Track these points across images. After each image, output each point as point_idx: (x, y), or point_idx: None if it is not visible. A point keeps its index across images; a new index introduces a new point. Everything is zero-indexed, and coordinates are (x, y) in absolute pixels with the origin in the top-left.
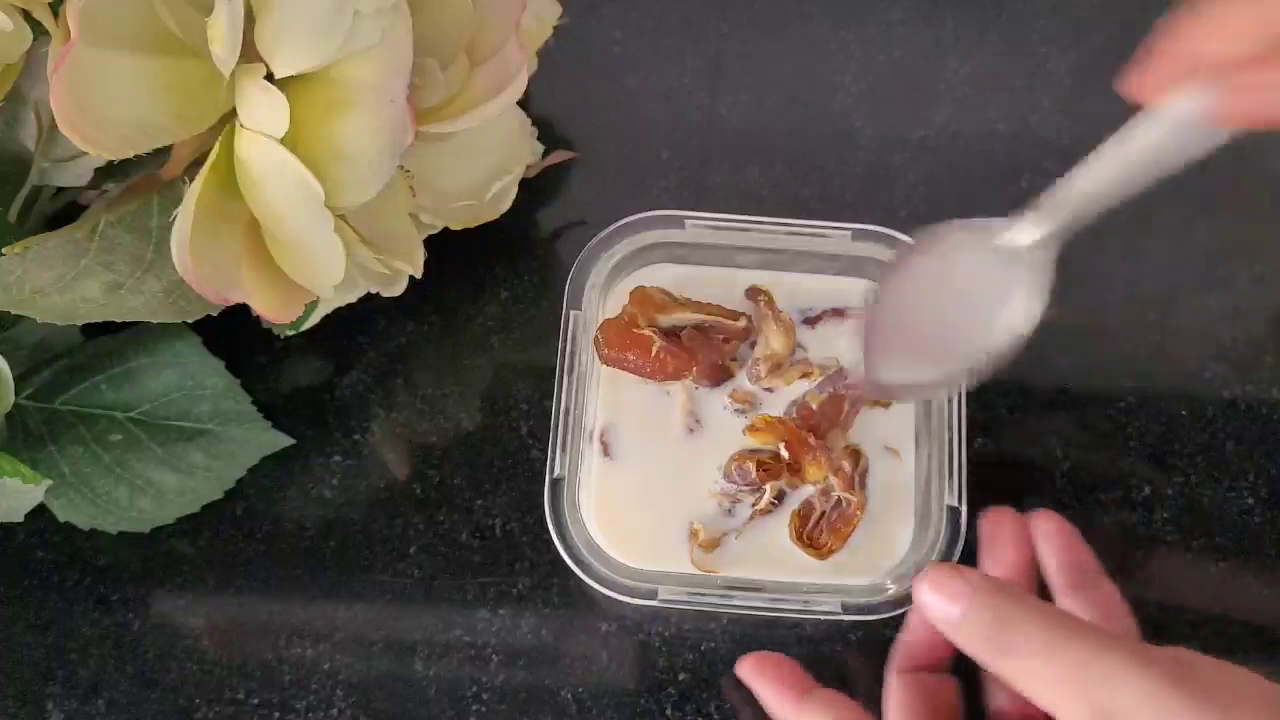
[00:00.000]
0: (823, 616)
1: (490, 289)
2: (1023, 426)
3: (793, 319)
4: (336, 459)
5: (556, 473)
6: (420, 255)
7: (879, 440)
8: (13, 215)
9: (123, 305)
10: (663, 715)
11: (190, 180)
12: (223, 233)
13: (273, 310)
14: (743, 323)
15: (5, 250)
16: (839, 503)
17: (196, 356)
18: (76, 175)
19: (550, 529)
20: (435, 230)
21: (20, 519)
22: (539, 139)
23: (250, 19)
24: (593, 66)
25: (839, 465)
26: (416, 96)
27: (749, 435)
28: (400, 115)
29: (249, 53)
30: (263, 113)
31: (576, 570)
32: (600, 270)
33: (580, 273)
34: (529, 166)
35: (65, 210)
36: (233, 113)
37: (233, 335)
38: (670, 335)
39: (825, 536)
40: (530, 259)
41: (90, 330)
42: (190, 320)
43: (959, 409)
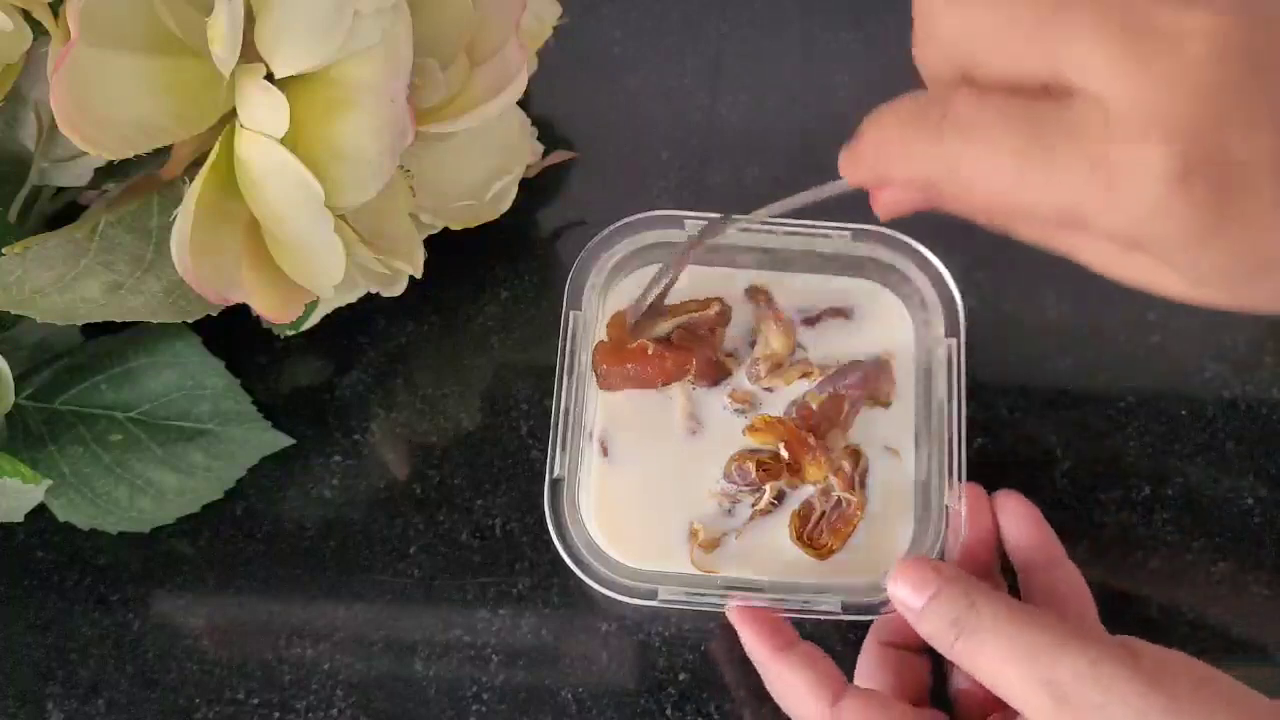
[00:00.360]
0: (823, 617)
1: (490, 289)
2: (1023, 426)
3: (793, 319)
4: (336, 459)
5: (556, 473)
6: (420, 255)
7: (879, 440)
8: (13, 215)
9: (123, 305)
10: (663, 715)
11: (190, 180)
12: (223, 233)
13: (273, 310)
14: (715, 308)
15: (5, 250)
16: (839, 503)
17: (196, 356)
18: (76, 175)
19: (550, 529)
20: (435, 230)
21: (20, 519)
22: (539, 139)
23: (250, 19)
24: (593, 66)
25: (839, 465)
26: (416, 96)
27: (749, 435)
28: (400, 115)
29: (249, 53)
30: (263, 113)
31: (576, 570)
32: (600, 270)
33: (580, 273)
34: (529, 166)
35: (65, 210)
36: (233, 113)
37: (233, 335)
38: (660, 342)
39: (825, 536)
40: (530, 259)
41: (90, 330)
42: (190, 320)
43: (959, 409)
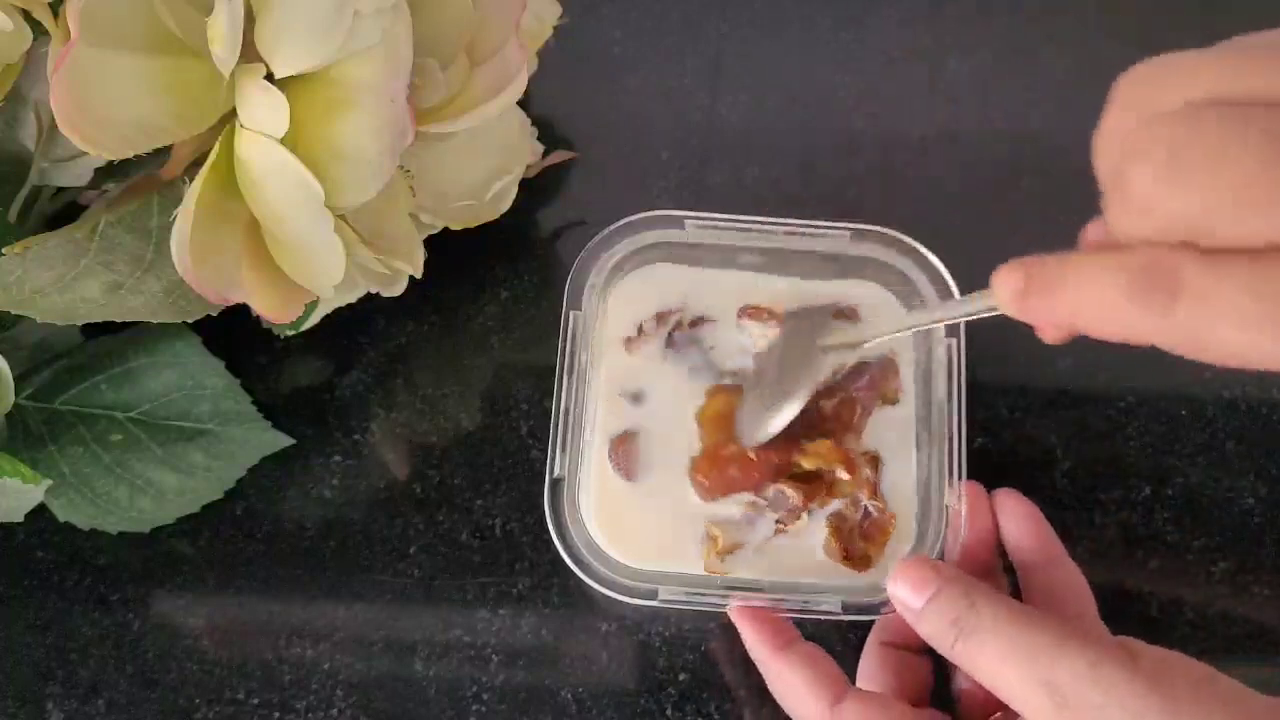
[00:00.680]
0: (823, 617)
1: (490, 289)
2: (1023, 426)
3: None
4: (336, 459)
5: (556, 473)
6: (420, 255)
7: (879, 441)
8: (13, 215)
9: (123, 305)
10: (663, 715)
11: (190, 180)
12: (223, 233)
13: (273, 310)
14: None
15: (5, 250)
16: (868, 511)
17: (196, 356)
18: (76, 175)
19: (550, 529)
20: (435, 230)
21: (20, 519)
22: (539, 139)
23: (250, 19)
24: (593, 66)
25: (863, 474)
26: (416, 96)
27: (803, 459)
28: (400, 115)
29: (249, 53)
30: (263, 113)
31: (576, 570)
32: (600, 270)
33: (580, 273)
34: (529, 166)
35: (65, 210)
36: (233, 113)
37: (233, 335)
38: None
39: (861, 545)
40: (530, 259)
41: (90, 330)
42: (190, 320)
43: (959, 409)
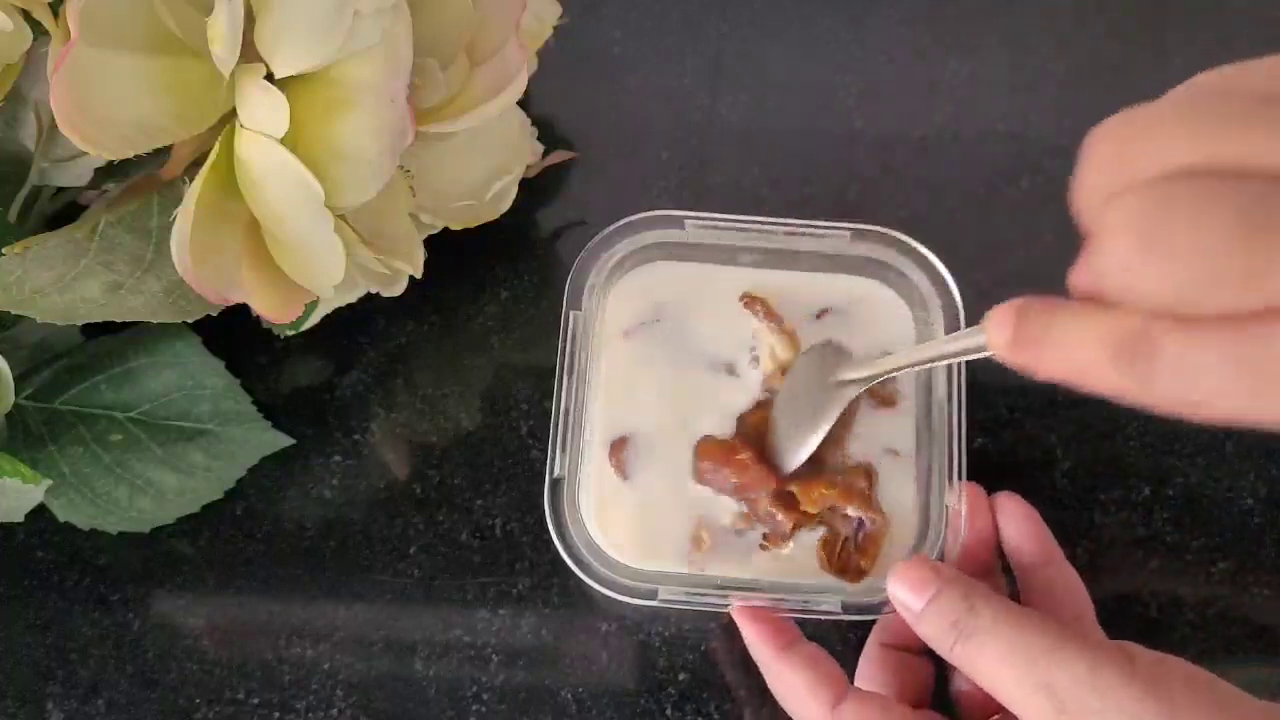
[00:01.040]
0: (823, 617)
1: (490, 289)
2: (1023, 426)
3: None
4: (336, 459)
5: (556, 473)
6: (420, 255)
7: (880, 442)
8: (13, 215)
9: (123, 305)
10: (663, 715)
11: (190, 180)
12: (223, 233)
13: (273, 310)
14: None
15: (5, 250)
16: (861, 523)
17: (196, 356)
18: (76, 175)
19: (550, 529)
20: (435, 230)
21: (20, 519)
22: (539, 139)
23: (250, 19)
24: (593, 66)
25: (856, 487)
26: (416, 96)
27: (807, 504)
28: (400, 115)
29: (249, 53)
30: (263, 113)
31: (576, 570)
32: (600, 270)
33: (580, 273)
34: (529, 166)
35: (65, 210)
36: (233, 113)
37: (233, 335)
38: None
39: (855, 559)
40: (530, 259)
41: (90, 330)
42: (190, 320)
43: (959, 409)
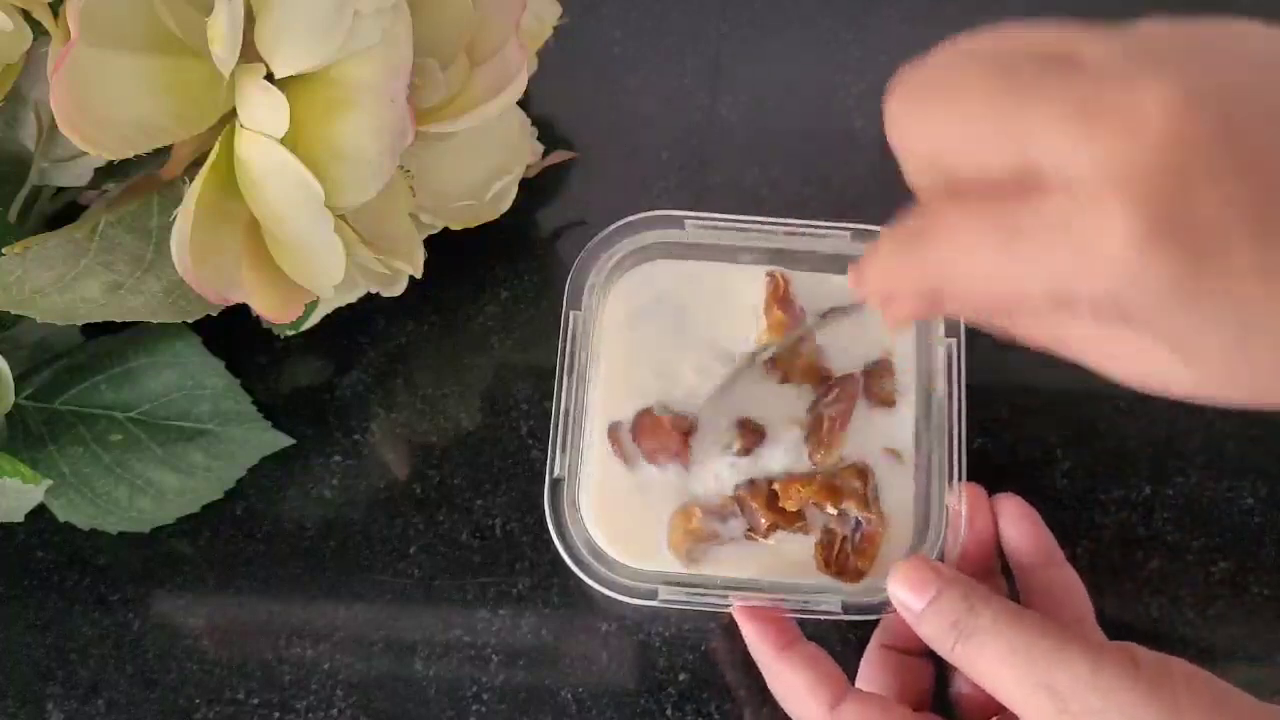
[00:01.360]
0: (823, 617)
1: (490, 289)
2: (1023, 426)
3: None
4: (336, 459)
5: (556, 473)
6: (420, 255)
7: (879, 442)
8: (13, 215)
9: (123, 305)
10: (663, 715)
11: (190, 180)
12: (223, 233)
13: (273, 310)
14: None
15: (5, 250)
16: (858, 524)
17: (196, 356)
18: (76, 175)
19: (550, 529)
20: (435, 230)
21: (20, 519)
22: (539, 139)
23: (250, 19)
24: (593, 66)
25: (845, 485)
26: (416, 96)
27: (785, 501)
28: (400, 115)
29: (249, 53)
30: (263, 113)
31: (576, 570)
32: (600, 270)
33: (580, 273)
34: (529, 166)
35: (65, 210)
36: (233, 113)
37: (233, 335)
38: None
39: (853, 560)
40: (530, 259)
41: (90, 330)
42: (190, 320)
43: (959, 409)
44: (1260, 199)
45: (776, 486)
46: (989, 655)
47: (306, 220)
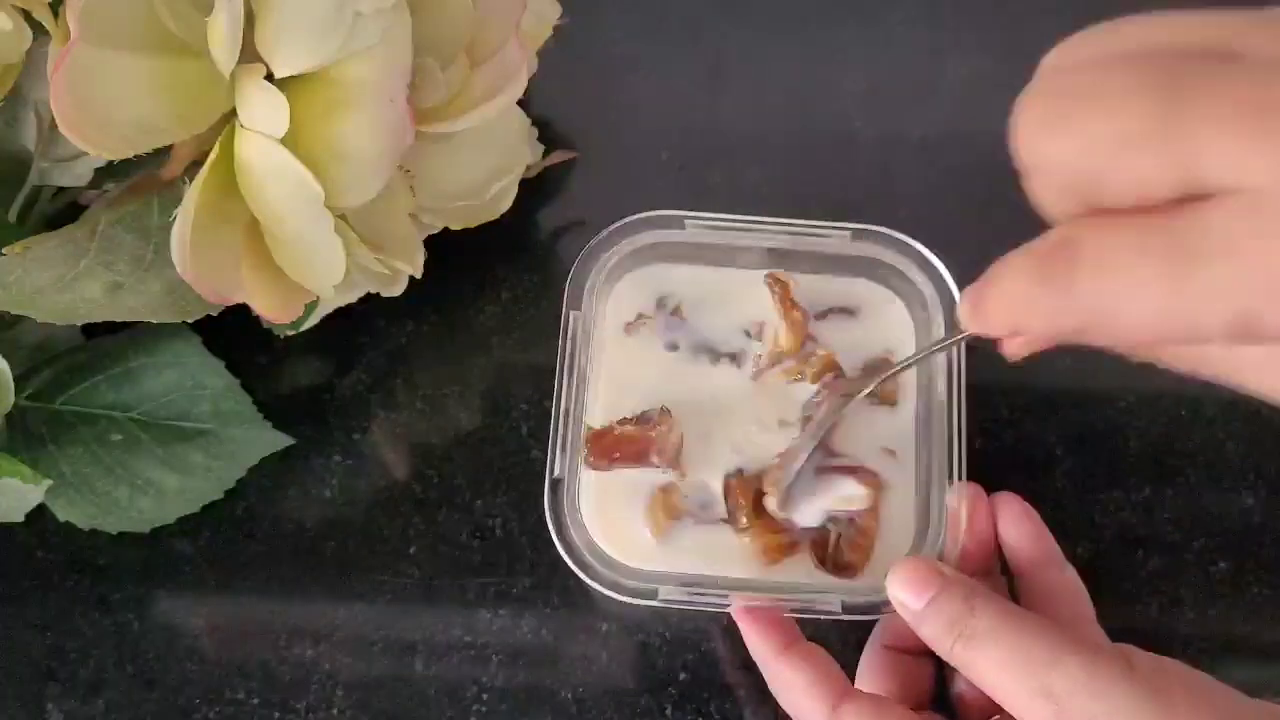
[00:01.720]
0: (823, 616)
1: (490, 289)
2: (1023, 426)
3: (807, 314)
4: (336, 459)
5: (556, 473)
6: (420, 255)
7: (879, 442)
8: (13, 215)
9: (123, 305)
10: (663, 715)
11: (190, 180)
12: (223, 233)
13: (273, 310)
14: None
15: (5, 250)
16: (851, 520)
17: (196, 356)
18: (76, 175)
19: (550, 529)
20: (435, 230)
21: (20, 519)
22: (539, 139)
23: (250, 19)
24: (593, 66)
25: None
26: (416, 96)
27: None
28: (400, 115)
29: (249, 53)
30: (263, 113)
31: (576, 570)
32: (600, 270)
33: (580, 273)
34: (529, 166)
35: (65, 210)
36: (233, 113)
37: (233, 335)
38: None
39: (847, 556)
40: (530, 259)
41: (90, 330)
42: (190, 320)
43: (959, 409)
44: None
45: (767, 489)
46: (987, 657)
47: (306, 220)
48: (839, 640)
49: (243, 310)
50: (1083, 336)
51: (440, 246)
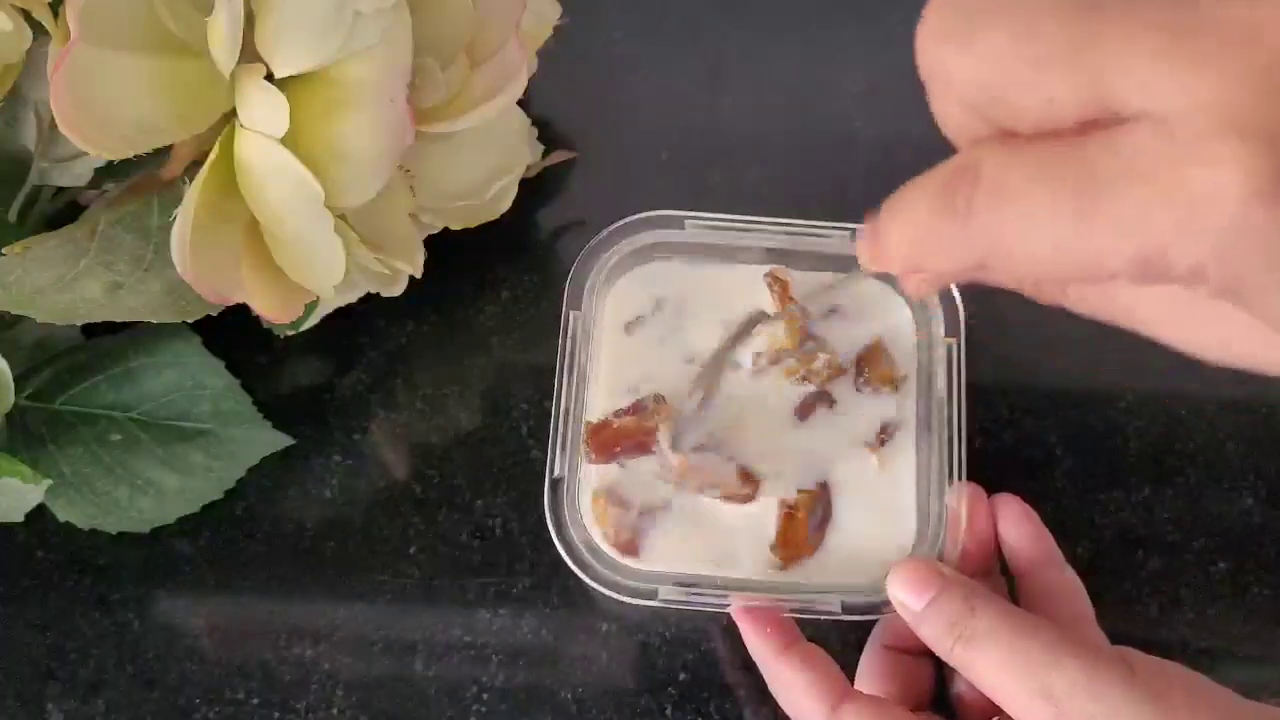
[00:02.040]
0: (823, 617)
1: (490, 289)
2: (1023, 426)
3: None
4: (336, 459)
5: (556, 473)
6: (420, 255)
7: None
8: (13, 215)
9: (123, 305)
10: (663, 715)
11: (190, 180)
12: (223, 233)
13: (273, 310)
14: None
15: (5, 250)
16: (826, 511)
17: (196, 356)
18: (76, 175)
19: (550, 529)
20: (435, 230)
21: (20, 519)
22: (539, 139)
23: (250, 19)
24: (593, 66)
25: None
26: (416, 96)
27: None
28: (400, 115)
29: (249, 53)
30: (263, 113)
31: (576, 570)
32: (600, 270)
33: (580, 273)
34: (529, 166)
35: (65, 210)
36: (233, 113)
37: (233, 335)
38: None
39: (805, 538)
40: (530, 259)
41: (90, 330)
42: (190, 320)
43: (959, 409)
44: None
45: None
46: (987, 658)
47: (306, 220)
48: (839, 640)
49: (243, 310)
50: (984, 273)
51: (440, 246)
